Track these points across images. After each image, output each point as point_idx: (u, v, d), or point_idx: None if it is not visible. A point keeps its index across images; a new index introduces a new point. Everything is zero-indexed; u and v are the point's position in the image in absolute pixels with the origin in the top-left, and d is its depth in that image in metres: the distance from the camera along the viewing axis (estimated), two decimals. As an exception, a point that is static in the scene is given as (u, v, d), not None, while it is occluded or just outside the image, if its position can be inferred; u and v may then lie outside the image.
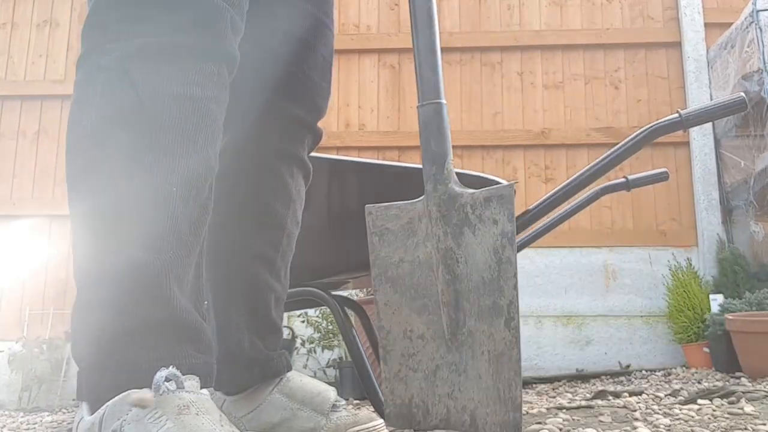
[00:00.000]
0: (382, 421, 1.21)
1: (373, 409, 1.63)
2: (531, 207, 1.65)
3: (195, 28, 0.85)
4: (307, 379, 1.24)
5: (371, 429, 1.18)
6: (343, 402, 1.23)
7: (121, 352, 0.78)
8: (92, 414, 0.79)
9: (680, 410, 1.67)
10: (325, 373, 3.87)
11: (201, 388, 0.80)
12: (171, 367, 0.76)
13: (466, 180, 1.62)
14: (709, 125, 4.19)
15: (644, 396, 2.10)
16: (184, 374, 0.77)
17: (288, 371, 1.22)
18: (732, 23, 4.00)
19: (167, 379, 0.75)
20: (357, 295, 3.14)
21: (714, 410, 1.65)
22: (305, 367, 3.96)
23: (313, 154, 1.63)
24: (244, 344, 1.17)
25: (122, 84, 0.83)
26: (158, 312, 0.79)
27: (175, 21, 0.84)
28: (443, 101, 1.12)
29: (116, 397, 0.75)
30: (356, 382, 3.11)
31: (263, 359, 1.18)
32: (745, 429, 1.38)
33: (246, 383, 1.19)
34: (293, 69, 1.24)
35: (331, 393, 1.22)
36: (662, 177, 1.95)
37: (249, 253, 1.20)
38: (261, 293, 1.19)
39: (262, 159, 1.21)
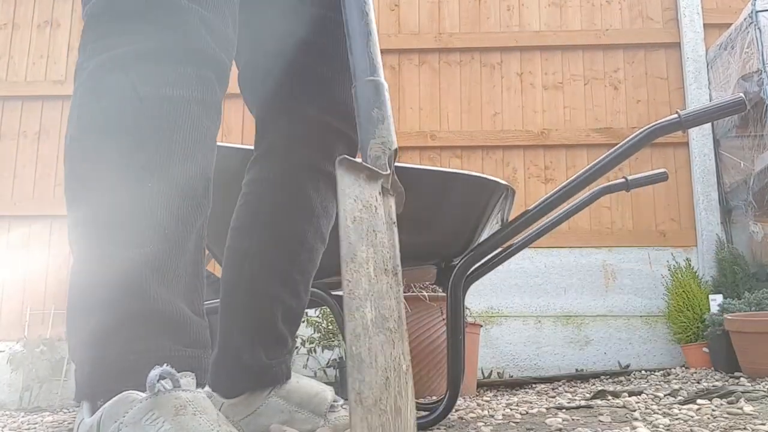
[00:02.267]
0: None
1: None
2: (531, 207, 1.65)
3: (162, 32, 0.85)
4: (304, 381, 1.23)
5: None
6: (341, 401, 1.23)
7: (104, 349, 0.78)
8: (92, 415, 0.79)
9: (679, 410, 1.67)
10: (325, 372, 3.88)
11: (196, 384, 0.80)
12: (165, 364, 0.75)
13: (466, 180, 1.63)
14: (708, 126, 4.20)
15: (643, 396, 2.10)
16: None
17: (287, 379, 1.21)
18: (731, 24, 4.00)
19: (161, 377, 0.74)
20: (357, 296, 3.14)
21: (713, 410, 1.65)
22: (305, 366, 3.96)
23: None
24: (243, 351, 1.17)
25: (92, 97, 0.85)
26: (135, 305, 0.79)
27: (142, 29, 0.85)
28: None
29: (112, 399, 0.74)
30: (356, 382, 3.10)
31: (261, 367, 1.18)
32: (744, 429, 1.38)
33: (241, 389, 1.18)
34: (312, 74, 1.21)
35: (329, 393, 1.22)
36: (661, 177, 1.95)
37: (261, 264, 1.19)
38: (269, 304, 1.19)
39: (285, 170, 1.21)
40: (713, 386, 2.15)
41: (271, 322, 1.19)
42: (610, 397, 2.12)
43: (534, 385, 3.50)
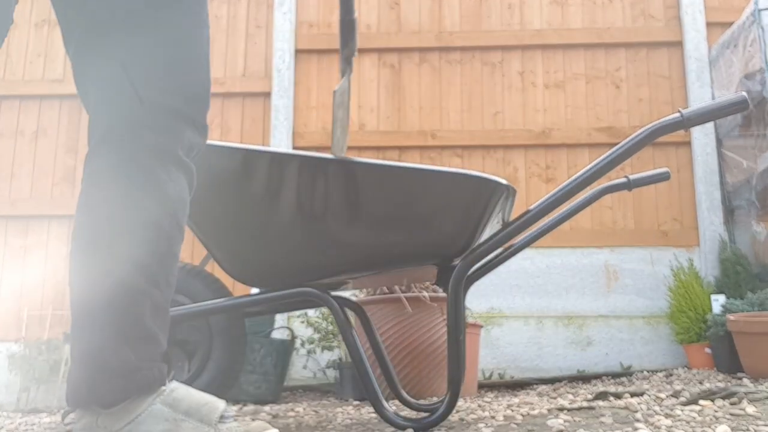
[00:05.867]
0: (276, 431, 1.17)
1: (373, 412, 1.62)
2: (532, 207, 1.63)
3: None
4: (194, 391, 1.16)
5: None
6: (233, 413, 1.17)
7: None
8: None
9: (682, 411, 1.66)
10: (325, 373, 3.86)
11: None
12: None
13: (466, 180, 1.62)
14: (710, 125, 4.18)
15: (646, 397, 2.09)
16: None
17: (161, 386, 1.13)
18: (733, 22, 3.98)
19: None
20: (357, 296, 3.13)
21: (716, 411, 1.64)
22: (305, 368, 3.95)
23: (314, 154, 1.62)
24: (106, 353, 1.09)
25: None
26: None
27: None
28: None
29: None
30: (356, 383, 3.09)
31: (129, 370, 1.09)
32: (747, 430, 1.37)
33: (112, 395, 1.09)
34: (156, 58, 1.18)
35: (221, 404, 1.15)
36: (663, 177, 1.94)
37: (118, 256, 1.12)
38: (132, 299, 1.11)
39: (133, 155, 1.15)
40: (716, 387, 2.13)
41: (138, 318, 1.11)
42: (611, 398, 2.11)
43: (535, 386, 3.48)
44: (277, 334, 3.78)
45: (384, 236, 1.64)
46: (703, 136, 4.19)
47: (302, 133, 4.39)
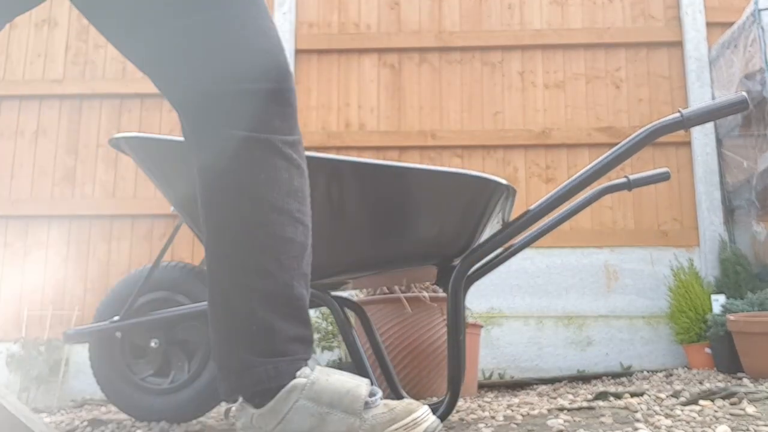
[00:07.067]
0: (422, 411, 1.12)
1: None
2: (532, 207, 1.63)
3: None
4: (334, 377, 1.14)
5: (410, 425, 1.10)
6: (379, 394, 1.15)
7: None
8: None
9: (682, 411, 1.66)
10: (325, 373, 3.86)
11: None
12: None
13: (466, 180, 1.62)
14: (711, 125, 4.18)
15: (646, 397, 2.09)
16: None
17: (279, 383, 1.11)
18: (734, 22, 3.98)
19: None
20: (357, 296, 3.13)
21: (716, 411, 1.64)
22: (305, 367, 3.94)
23: (313, 154, 1.62)
24: (223, 355, 1.13)
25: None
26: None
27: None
28: None
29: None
30: (356, 382, 3.09)
31: (240, 369, 1.11)
32: (747, 430, 1.37)
33: (230, 394, 1.13)
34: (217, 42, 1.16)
35: (363, 389, 1.12)
36: (663, 177, 1.94)
37: (212, 263, 1.15)
38: (236, 299, 1.12)
39: (190, 157, 1.19)
40: (716, 387, 2.13)
41: (246, 314, 1.12)
42: (611, 398, 2.11)
43: (535, 387, 3.48)
44: (277, 334, 3.78)
45: (384, 236, 1.64)
46: (703, 136, 4.19)
47: (302, 133, 4.38)
